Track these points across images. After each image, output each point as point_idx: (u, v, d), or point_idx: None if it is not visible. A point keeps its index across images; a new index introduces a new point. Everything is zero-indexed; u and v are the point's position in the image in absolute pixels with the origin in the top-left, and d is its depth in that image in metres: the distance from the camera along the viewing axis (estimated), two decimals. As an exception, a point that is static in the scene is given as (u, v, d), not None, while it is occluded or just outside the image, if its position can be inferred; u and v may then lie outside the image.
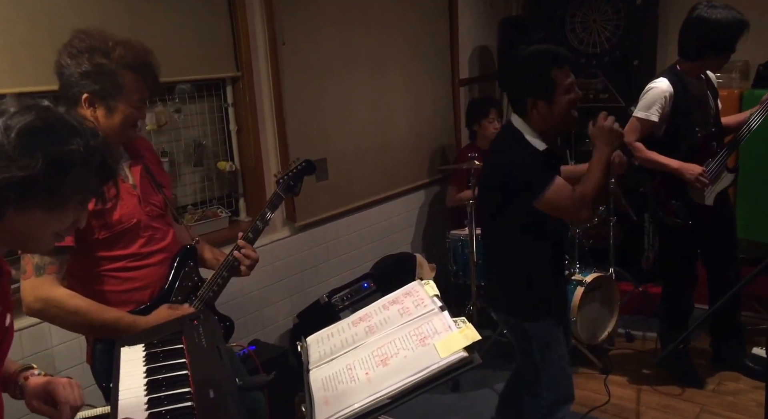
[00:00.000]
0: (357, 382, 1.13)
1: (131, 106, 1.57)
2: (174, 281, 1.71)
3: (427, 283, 1.48)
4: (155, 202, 1.72)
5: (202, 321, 1.34)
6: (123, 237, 1.61)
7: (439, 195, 3.98)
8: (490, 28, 4.22)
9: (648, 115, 2.60)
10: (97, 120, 1.54)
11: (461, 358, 1.12)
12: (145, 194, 1.68)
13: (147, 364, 1.19)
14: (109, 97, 1.53)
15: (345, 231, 3.42)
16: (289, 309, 3.15)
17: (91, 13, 2.26)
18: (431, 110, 3.93)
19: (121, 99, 1.54)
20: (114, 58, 1.52)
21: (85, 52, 1.51)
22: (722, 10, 2.47)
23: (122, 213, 1.60)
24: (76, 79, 1.52)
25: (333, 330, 1.40)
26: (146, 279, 1.66)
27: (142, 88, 1.58)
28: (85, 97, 1.53)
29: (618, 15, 3.98)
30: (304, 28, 3.04)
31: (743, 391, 2.82)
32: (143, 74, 1.57)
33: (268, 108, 2.94)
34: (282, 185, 1.93)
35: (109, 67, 1.51)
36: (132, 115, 1.58)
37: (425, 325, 1.25)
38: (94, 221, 1.55)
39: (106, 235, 1.58)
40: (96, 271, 1.61)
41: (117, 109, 1.55)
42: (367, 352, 1.22)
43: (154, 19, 2.44)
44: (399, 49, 3.62)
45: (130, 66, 1.54)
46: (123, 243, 1.61)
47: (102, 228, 1.57)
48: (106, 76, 1.52)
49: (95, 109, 1.54)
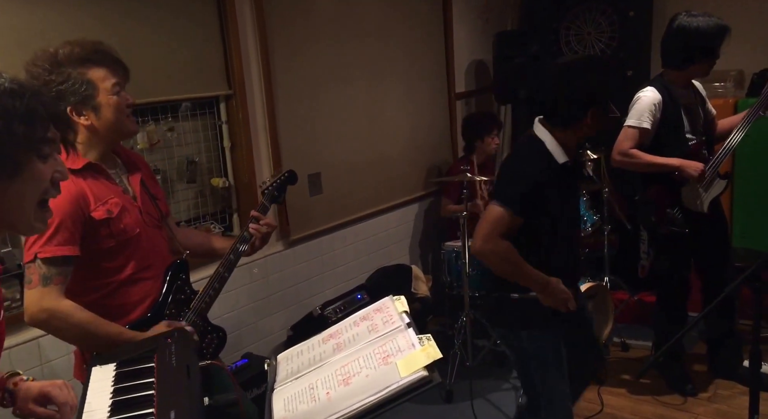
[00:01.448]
0: (317, 402, 1.16)
1: (110, 94, 1.56)
2: (167, 294, 1.72)
3: (398, 299, 1.49)
4: (153, 213, 1.74)
5: (175, 339, 1.37)
6: (126, 247, 1.62)
7: (435, 207, 4.01)
8: (485, 42, 4.25)
9: (640, 123, 2.63)
10: (93, 125, 1.57)
11: (421, 378, 1.14)
12: (145, 206, 1.71)
13: (115, 384, 1.21)
14: (87, 99, 1.54)
15: (340, 244, 3.46)
16: (283, 322, 3.18)
17: (78, 34, 2.30)
18: (427, 123, 3.96)
19: (97, 94, 1.55)
20: (63, 60, 1.52)
21: (43, 72, 1.51)
22: (702, 17, 2.51)
23: (126, 222, 1.61)
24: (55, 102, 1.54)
25: (303, 347, 1.42)
26: (142, 293, 1.68)
27: (108, 73, 1.57)
28: (69, 110, 1.54)
29: (612, 27, 4.01)
30: (298, 44, 3.10)
31: (738, 400, 2.80)
32: (100, 61, 1.56)
33: (262, 124, 2.99)
34: (267, 195, 1.97)
35: (67, 70, 1.51)
36: (117, 102, 1.57)
37: (390, 343, 1.28)
38: (102, 230, 1.57)
39: (111, 244, 1.59)
40: (95, 284, 1.62)
41: (101, 105, 1.55)
42: (331, 371, 1.25)
43: (146, 40, 2.51)
44: (394, 63, 3.66)
45: (84, 59, 1.53)
46: (125, 254, 1.63)
47: (108, 237, 1.58)
48: (72, 81, 1.52)
49: (86, 116, 1.56)
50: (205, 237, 2.03)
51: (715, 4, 3.61)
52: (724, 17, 2.61)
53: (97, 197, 1.57)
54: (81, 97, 1.53)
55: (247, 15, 2.85)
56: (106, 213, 1.57)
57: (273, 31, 2.96)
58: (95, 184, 1.59)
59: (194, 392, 1.17)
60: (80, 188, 1.54)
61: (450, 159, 4.13)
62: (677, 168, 2.60)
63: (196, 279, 1.96)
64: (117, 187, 1.65)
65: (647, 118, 2.62)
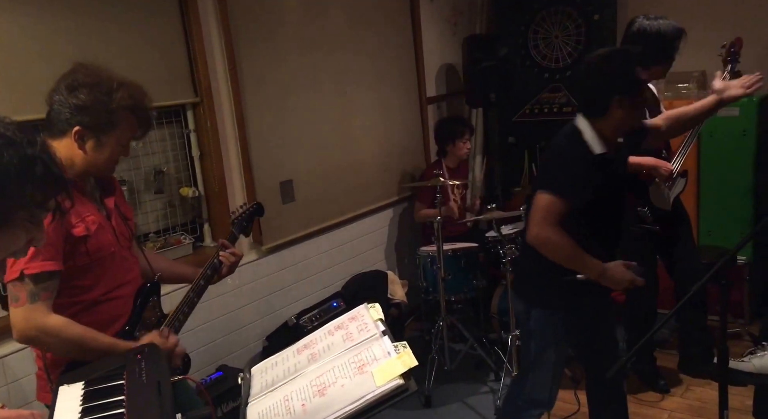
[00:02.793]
0: (292, 414, 1.14)
1: (121, 144, 1.61)
2: (138, 315, 1.71)
3: (373, 307, 1.48)
4: (125, 234, 1.74)
5: (146, 355, 1.33)
6: (99, 266, 1.62)
7: (409, 212, 4.01)
8: (454, 47, 4.28)
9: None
10: (84, 152, 1.57)
11: (397, 386, 1.13)
12: (119, 226, 1.71)
13: (84, 404, 1.17)
14: (101, 132, 1.56)
15: (315, 252, 3.43)
16: (258, 333, 3.13)
17: (46, 42, 2.27)
18: (399, 128, 3.96)
19: (113, 136, 1.58)
20: (116, 98, 1.55)
21: (86, 86, 1.54)
22: (661, 20, 2.58)
23: (102, 241, 1.62)
24: (70, 111, 1.54)
25: (278, 358, 1.40)
26: (114, 313, 1.67)
27: (135, 128, 1.62)
28: (76, 130, 1.55)
29: (578, 31, 4.08)
30: (266, 50, 3.07)
31: (710, 395, 2.86)
32: (139, 116, 1.61)
33: (231, 132, 2.95)
34: (236, 225, 2.05)
35: (110, 105, 1.54)
36: (119, 152, 1.62)
37: (365, 352, 1.26)
38: (80, 246, 1.57)
39: (86, 262, 1.59)
40: (67, 302, 1.59)
41: (106, 145, 1.58)
42: (306, 382, 1.22)
43: (108, 48, 2.45)
44: (364, 68, 3.66)
45: (129, 107, 1.58)
46: (97, 273, 1.62)
47: (84, 254, 1.58)
48: (104, 114, 1.54)
49: (84, 141, 1.56)
50: (172, 263, 2.05)
51: (674, 6, 3.72)
52: (685, 19, 2.68)
53: (77, 213, 1.57)
54: (97, 128, 1.55)
55: (211, 21, 2.81)
56: (85, 230, 1.58)
57: (239, 36, 2.93)
58: (75, 200, 1.55)
59: (166, 409, 1.13)
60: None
61: (423, 163, 4.14)
62: (652, 167, 2.64)
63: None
64: (93, 206, 1.65)
65: None
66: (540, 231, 1.91)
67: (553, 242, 1.91)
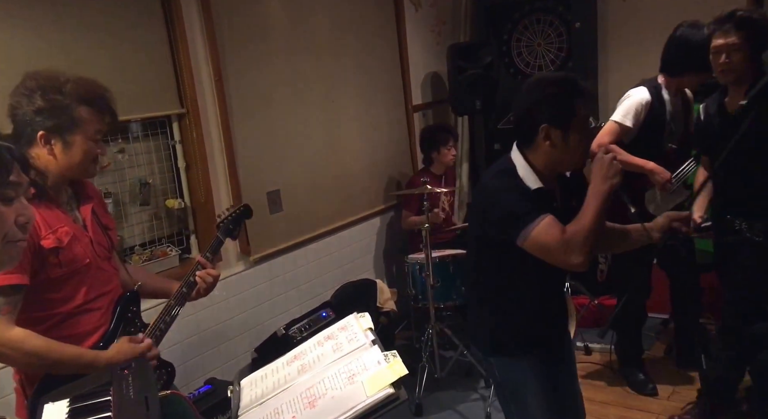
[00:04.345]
0: (283, 426, 1.13)
1: (89, 139, 1.56)
2: (117, 326, 1.68)
3: (363, 316, 1.48)
4: (103, 244, 1.70)
5: (132, 370, 1.31)
6: (74, 277, 1.58)
7: (397, 220, 4.01)
8: (439, 55, 4.31)
9: (624, 120, 2.67)
10: (54, 157, 1.54)
11: (387, 395, 1.13)
12: (96, 236, 1.67)
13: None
14: (65, 131, 1.53)
15: (303, 261, 3.42)
16: (247, 344, 3.11)
17: (28, 56, 2.25)
18: (386, 137, 3.98)
19: (77, 132, 1.54)
20: (67, 92, 1.52)
21: (37, 89, 1.51)
22: (704, 29, 2.48)
23: (76, 252, 1.58)
24: (30, 117, 1.52)
25: (267, 370, 1.39)
26: (92, 325, 1.64)
27: (98, 120, 1.58)
28: (40, 134, 1.52)
29: (560, 38, 4.14)
30: (252, 61, 3.07)
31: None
32: (98, 106, 1.57)
33: (217, 143, 2.94)
34: (222, 229, 1.99)
35: (63, 101, 1.51)
36: (91, 148, 1.58)
37: (355, 362, 1.26)
38: (51, 258, 1.53)
39: (59, 274, 1.55)
40: (42, 315, 1.57)
41: (74, 143, 1.55)
42: (297, 394, 1.22)
43: (93, 60, 2.43)
44: (350, 77, 3.67)
45: (84, 99, 1.54)
46: (73, 285, 1.59)
47: (56, 266, 1.55)
48: (60, 111, 1.51)
49: (52, 146, 1.54)
50: (150, 276, 2.00)
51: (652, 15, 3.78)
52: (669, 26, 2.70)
53: (48, 225, 1.53)
54: (58, 128, 1.52)
55: (197, 32, 2.81)
56: (56, 242, 1.54)
57: (224, 47, 2.93)
58: (45, 211, 1.55)
59: (153, 425, 1.12)
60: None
61: (410, 171, 4.15)
62: (649, 171, 2.66)
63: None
64: (67, 217, 1.62)
65: (631, 117, 2.67)
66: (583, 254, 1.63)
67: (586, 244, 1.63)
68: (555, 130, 1.67)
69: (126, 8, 2.55)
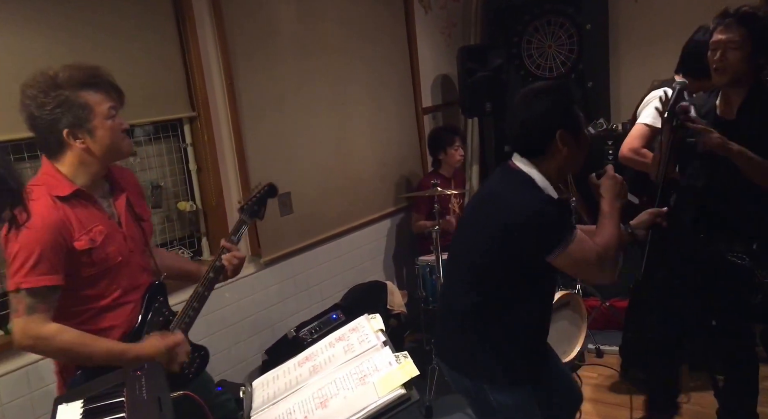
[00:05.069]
0: (295, 427, 1.13)
1: (106, 118, 1.59)
2: (145, 317, 1.72)
3: (374, 317, 1.49)
4: (137, 237, 1.74)
5: (145, 371, 1.32)
6: (107, 275, 1.63)
7: (407, 222, 4.01)
8: (449, 57, 4.31)
9: (655, 122, 2.56)
10: (89, 150, 1.58)
11: (399, 396, 1.13)
12: (129, 230, 1.71)
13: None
14: (83, 121, 1.56)
15: (313, 264, 3.43)
16: (257, 346, 3.12)
17: (41, 61, 2.27)
18: (396, 139, 3.98)
19: (93, 117, 1.57)
20: (62, 83, 1.54)
21: (38, 94, 1.54)
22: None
23: (108, 251, 1.62)
24: (47, 122, 1.55)
25: (279, 371, 1.40)
26: (124, 317, 1.68)
27: (105, 98, 1.60)
28: (66, 133, 1.56)
29: (571, 40, 4.12)
30: (263, 64, 3.08)
31: (710, 402, 2.84)
32: (97, 85, 1.59)
33: (228, 145, 2.96)
34: (246, 211, 1.95)
35: (64, 93, 1.53)
36: (113, 126, 1.61)
37: (366, 363, 1.26)
38: (83, 258, 1.57)
39: (93, 272, 1.60)
40: (77, 310, 1.62)
41: (96, 128, 1.58)
42: (309, 394, 1.22)
43: (106, 63, 2.40)
44: (360, 80, 3.68)
45: (82, 83, 1.56)
46: (106, 281, 1.63)
47: (89, 265, 1.59)
48: (68, 104, 1.54)
49: (81, 139, 1.57)
50: (177, 259, 2.04)
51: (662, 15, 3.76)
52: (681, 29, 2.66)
53: (82, 225, 1.58)
54: (77, 120, 1.55)
55: (208, 35, 2.83)
56: (89, 242, 1.58)
57: (236, 50, 2.94)
58: (81, 211, 1.60)
59: (166, 425, 1.12)
60: (63, 217, 1.55)
61: (420, 173, 4.15)
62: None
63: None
64: (103, 214, 1.65)
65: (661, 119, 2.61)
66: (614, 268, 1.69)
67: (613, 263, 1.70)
68: (568, 134, 1.69)
69: (138, 12, 2.57)
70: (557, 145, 1.68)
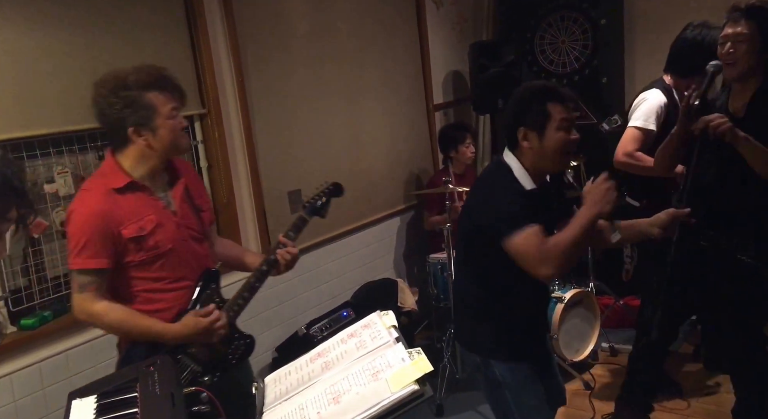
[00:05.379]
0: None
1: (168, 118, 1.69)
2: (196, 302, 1.80)
3: (386, 314, 1.47)
4: (193, 226, 1.81)
5: (158, 367, 1.32)
6: (157, 260, 1.72)
7: (418, 219, 4.00)
8: (461, 53, 4.29)
9: (646, 125, 2.58)
10: (151, 146, 1.70)
11: (412, 392, 1.12)
12: (185, 218, 1.79)
13: (97, 416, 1.17)
14: (147, 120, 1.67)
15: (324, 261, 3.42)
16: (268, 344, 3.12)
17: (54, 56, 2.29)
18: (407, 136, 3.96)
19: (156, 116, 1.68)
20: (131, 84, 1.66)
21: (109, 93, 1.66)
22: (716, 30, 2.39)
23: (158, 239, 1.71)
24: (114, 120, 1.67)
25: (291, 367, 1.39)
26: (173, 302, 1.77)
27: (168, 98, 1.71)
28: (131, 131, 1.68)
29: (585, 35, 4.07)
30: (273, 61, 3.08)
31: (726, 400, 2.81)
32: (162, 86, 1.70)
33: (239, 142, 2.96)
34: (308, 208, 2.02)
35: (132, 94, 1.65)
36: (174, 125, 1.71)
37: (379, 359, 1.25)
38: (131, 245, 1.68)
39: (141, 258, 1.70)
40: (128, 291, 1.73)
41: (159, 127, 1.68)
42: (321, 390, 1.21)
43: (117, 60, 2.45)
44: (371, 76, 3.66)
45: (149, 85, 1.67)
46: (156, 267, 1.73)
47: (137, 251, 1.69)
48: (135, 104, 1.65)
49: (144, 137, 1.68)
50: (240, 251, 2.13)
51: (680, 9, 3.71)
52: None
53: (133, 214, 1.69)
54: (141, 119, 1.67)
55: (219, 32, 2.83)
56: (138, 230, 1.69)
57: (246, 46, 2.94)
58: (134, 201, 1.71)
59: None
60: (112, 207, 1.67)
61: (431, 170, 4.13)
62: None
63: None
64: (158, 203, 1.75)
65: (653, 120, 2.57)
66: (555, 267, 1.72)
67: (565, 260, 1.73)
68: (531, 132, 1.80)
69: (148, 9, 2.58)
70: (521, 141, 1.81)
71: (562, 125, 1.79)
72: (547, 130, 1.79)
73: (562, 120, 1.79)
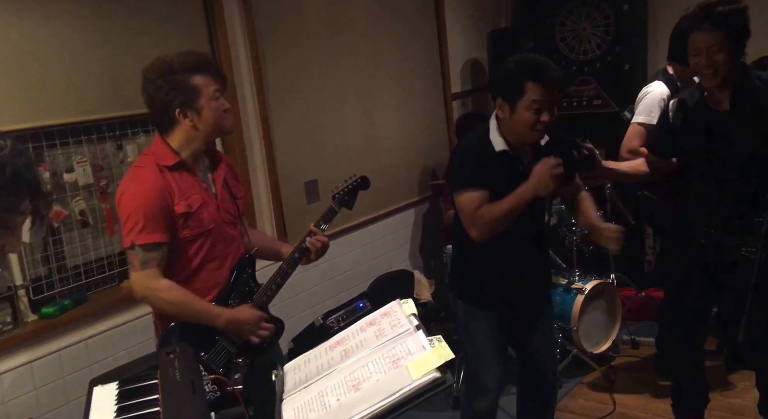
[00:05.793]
0: (328, 410, 1.11)
1: (211, 99, 1.76)
2: (233, 285, 1.88)
3: (406, 302, 1.45)
4: (230, 210, 1.90)
5: (178, 354, 1.32)
6: (199, 239, 1.79)
7: (435, 210, 3.96)
8: (479, 41, 4.23)
9: (650, 119, 2.55)
10: (196, 127, 1.76)
11: (433, 379, 1.10)
12: (223, 203, 1.86)
13: (118, 403, 1.18)
14: (192, 101, 1.74)
15: (340, 252, 3.40)
16: (284, 335, 3.10)
17: (72, 47, 2.30)
18: (424, 126, 3.93)
19: (200, 98, 1.74)
20: (177, 68, 1.73)
21: (157, 78, 1.74)
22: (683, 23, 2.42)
23: (203, 217, 1.79)
24: (163, 103, 1.75)
25: (310, 355, 1.38)
26: (212, 281, 1.84)
27: (211, 81, 1.77)
28: (177, 113, 1.75)
29: (607, 21, 3.98)
30: (290, 50, 3.06)
31: (750, 395, 2.75)
32: (205, 69, 1.77)
33: (256, 133, 2.95)
34: (337, 199, 2.08)
35: (178, 77, 1.73)
36: (217, 106, 1.78)
37: (399, 346, 1.23)
38: (181, 221, 1.75)
39: (188, 235, 1.77)
40: (175, 269, 1.78)
41: (203, 108, 1.75)
42: (341, 378, 1.20)
43: (134, 48, 2.46)
44: (388, 65, 3.63)
45: (193, 68, 1.75)
46: (198, 244, 1.80)
47: (185, 228, 1.77)
48: (181, 86, 1.73)
49: (190, 118, 1.75)
50: (273, 242, 2.25)
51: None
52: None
53: (182, 192, 1.76)
54: (187, 100, 1.74)
55: (236, 22, 2.81)
56: (187, 207, 1.76)
57: (263, 36, 2.92)
58: (182, 179, 1.78)
59: (200, 407, 1.12)
60: (167, 183, 1.75)
61: (447, 161, 4.09)
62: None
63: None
64: (201, 184, 1.83)
65: (656, 114, 2.53)
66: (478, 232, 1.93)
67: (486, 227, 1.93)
68: (504, 103, 1.91)
69: (166, 0, 2.57)
70: (498, 108, 1.95)
71: (532, 106, 1.86)
72: (518, 106, 1.88)
73: (534, 101, 1.85)
